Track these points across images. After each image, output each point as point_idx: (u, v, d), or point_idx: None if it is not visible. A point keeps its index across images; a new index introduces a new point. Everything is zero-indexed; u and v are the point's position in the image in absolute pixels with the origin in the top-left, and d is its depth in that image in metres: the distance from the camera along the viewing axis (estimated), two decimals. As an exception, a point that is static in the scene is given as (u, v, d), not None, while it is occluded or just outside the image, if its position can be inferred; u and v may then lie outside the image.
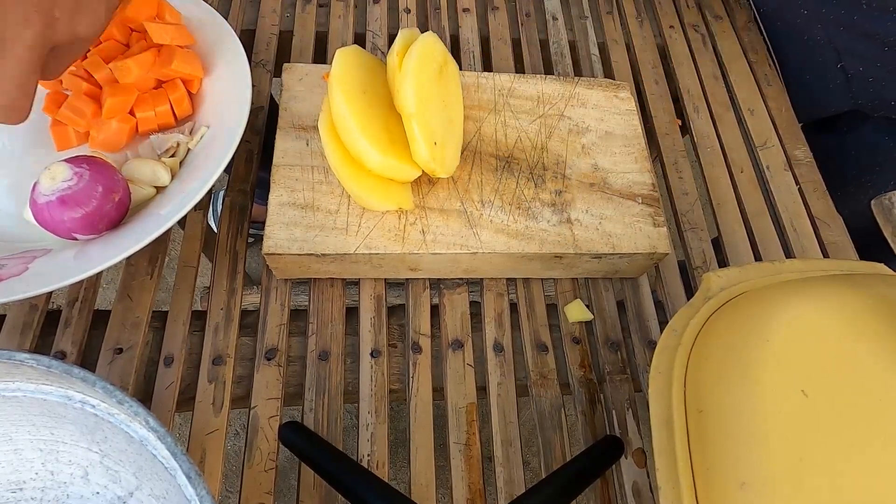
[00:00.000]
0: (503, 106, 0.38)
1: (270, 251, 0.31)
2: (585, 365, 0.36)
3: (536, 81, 0.40)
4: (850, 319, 0.24)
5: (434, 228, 0.33)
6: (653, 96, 0.48)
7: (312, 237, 0.32)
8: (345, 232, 0.32)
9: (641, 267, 0.37)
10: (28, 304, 0.32)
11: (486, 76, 0.39)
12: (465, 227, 0.33)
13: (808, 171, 0.46)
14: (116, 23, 0.36)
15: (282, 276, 0.34)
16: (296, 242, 0.31)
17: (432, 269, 0.35)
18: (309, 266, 0.33)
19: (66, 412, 0.25)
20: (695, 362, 0.26)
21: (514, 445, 0.33)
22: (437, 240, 0.33)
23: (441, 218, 0.33)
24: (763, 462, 0.22)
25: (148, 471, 0.25)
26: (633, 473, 0.33)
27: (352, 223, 0.32)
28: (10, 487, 0.26)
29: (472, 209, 0.34)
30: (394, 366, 0.35)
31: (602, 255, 0.34)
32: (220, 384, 0.32)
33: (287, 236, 0.32)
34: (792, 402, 0.22)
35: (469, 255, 0.33)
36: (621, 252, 0.34)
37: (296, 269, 0.33)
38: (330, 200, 0.33)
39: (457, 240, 0.33)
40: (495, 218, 0.34)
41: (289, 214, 0.32)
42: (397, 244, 0.32)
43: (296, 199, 0.33)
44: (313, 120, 0.36)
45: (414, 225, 0.33)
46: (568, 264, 0.35)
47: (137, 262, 0.34)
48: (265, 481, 0.30)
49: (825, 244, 0.42)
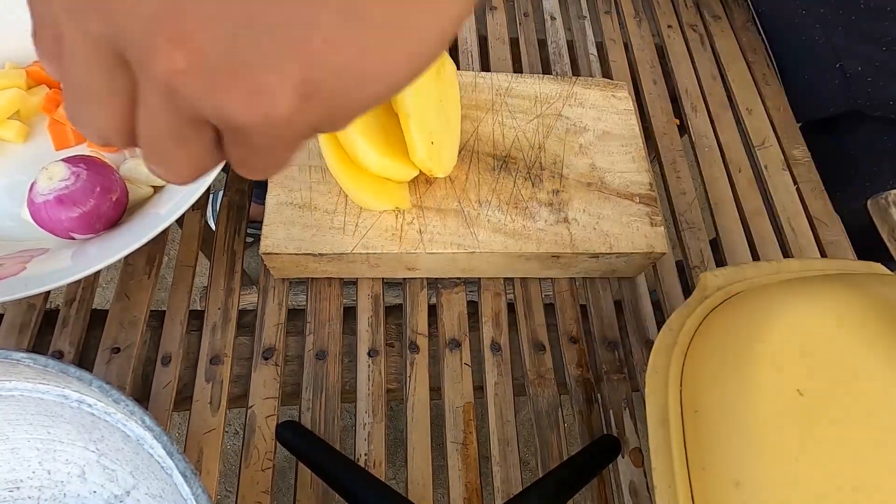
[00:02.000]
0: (501, 105, 0.38)
1: (268, 250, 0.31)
2: (583, 364, 0.36)
3: (534, 81, 0.40)
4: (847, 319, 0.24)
5: (431, 228, 0.33)
6: (651, 96, 0.48)
7: (310, 237, 0.32)
8: (342, 231, 0.32)
9: (639, 266, 0.37)
10: (26, 303, 0.32)
11: (483, 76, 0.39)
12: (462, 227, 0.33)
13: (806, 171, 0.46)
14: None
15: (279, 275, 0.34)
16: (293, 242, 0.32)
17: (430, 269, 0.35)
18: (306, 266, 0.33)
19: (63, 411, 0.25)
20: (691, 362, 0.26)
21: (512, 445, 0.33)
22: (434, 239, 0.33)
23: (438, 217, 0.33)
24: (758, 461, 0.22)
25: (144, 470, 0.25)
26: (629, 473, 0.33)
27: (349, 223, 0.32)
28: (7, 486, 0.26)
29: (469, 209, 0.34)
30: (391, 365, 0.35)
31: (599, 254, 0.34)
32: (217, 383, 0.32)
33: (285, 236, 0.32)
34: (788, 402, 0.22)
35: (466, 255, 0.33)
36: (618, 252, 0.34)
37: (293, 269, 0.33)
38: (327, 200, 0.33)
39: (454, 239, 0.33)
40: (492, 217, 0.34)
41: (286, 214, 0.32)
42: (394, 244, 0.32)
43: (293, 199, 0.33)
44: None
45: (411, 224, 0.33)
46: (565, 264, 0.35)
47: (135, 262, 0.34)
48: (262, 480, 0.30)
49: (823, 244, 0.42)
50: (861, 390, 0.22)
